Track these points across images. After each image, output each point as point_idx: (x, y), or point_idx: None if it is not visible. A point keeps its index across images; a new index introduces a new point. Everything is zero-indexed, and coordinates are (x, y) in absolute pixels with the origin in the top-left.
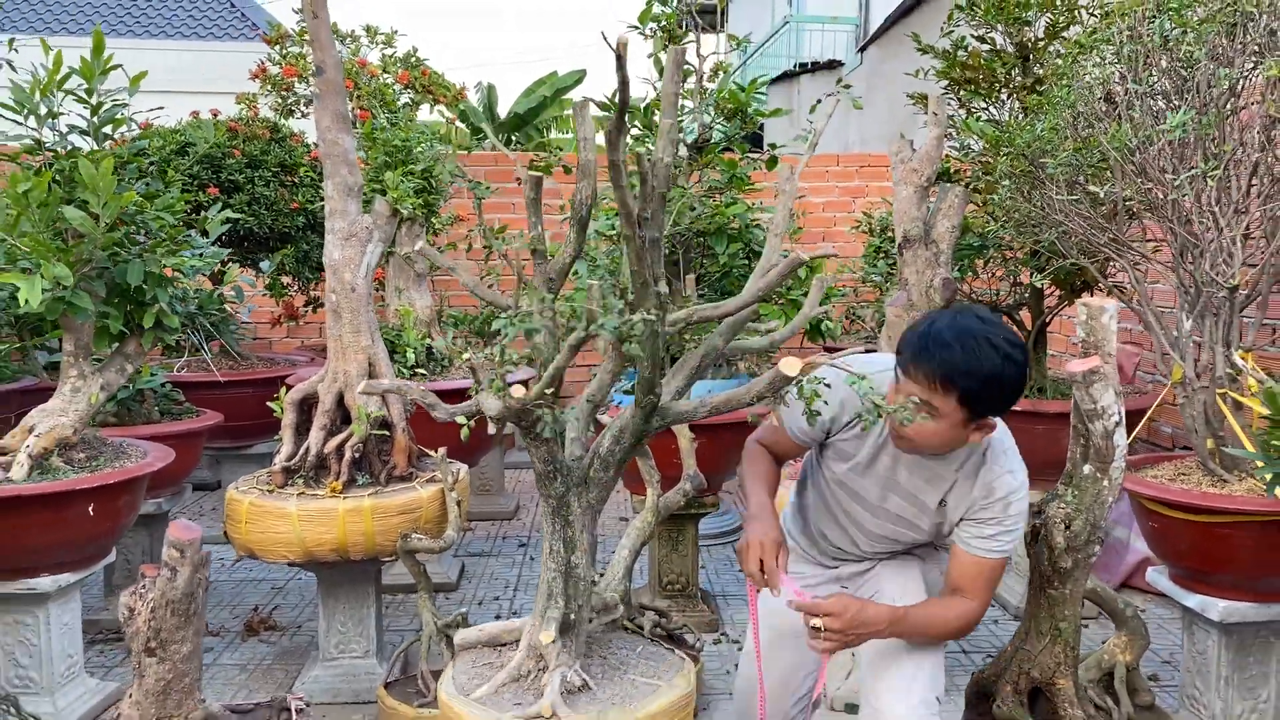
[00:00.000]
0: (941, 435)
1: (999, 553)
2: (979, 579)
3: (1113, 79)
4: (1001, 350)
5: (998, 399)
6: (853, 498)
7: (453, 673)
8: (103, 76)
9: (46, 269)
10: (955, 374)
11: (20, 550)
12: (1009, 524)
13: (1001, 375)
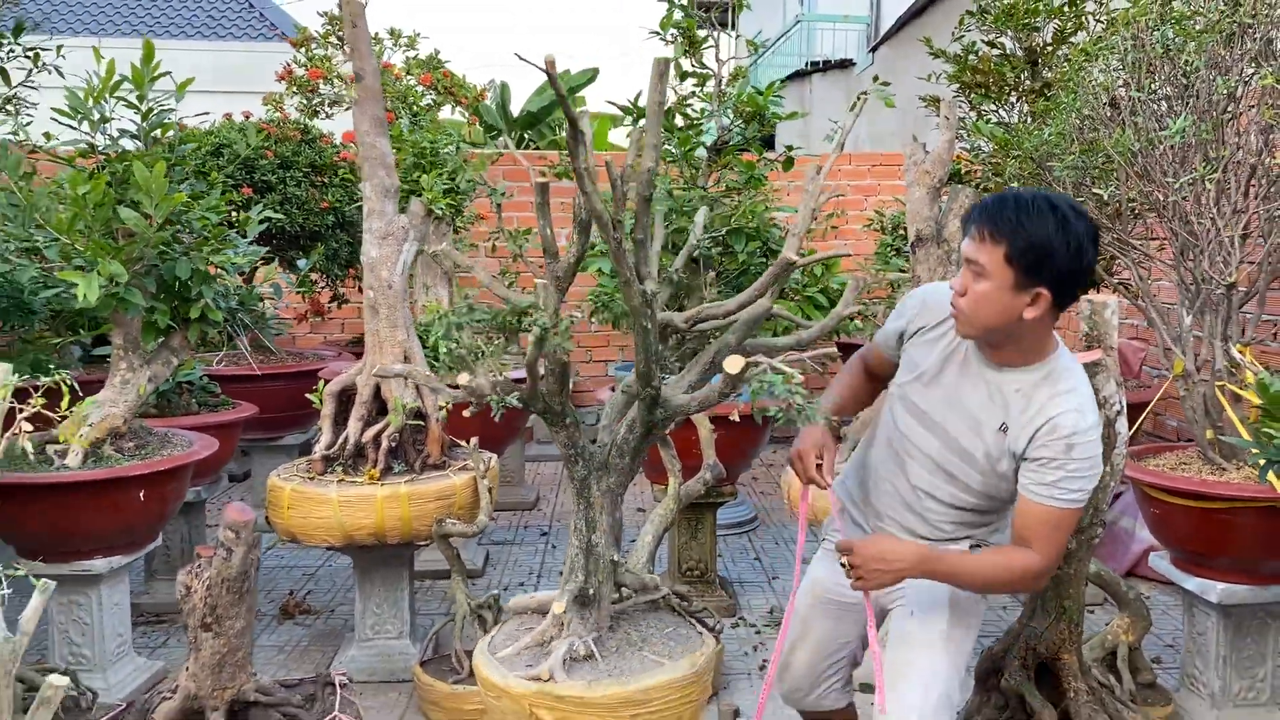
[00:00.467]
0: (991, 300)
1: (1063, 502)
2: (1039, 528)
3: (1117, 84)
4: (1059, 211)
5: (1047, 261)
6: (914, 416)
7: (494, 633)
8: (151, 84)
9: (104, 266)
10: (1003, 225)
11: (76, 533)
12: (1072, 469)
13: (1052, 235)
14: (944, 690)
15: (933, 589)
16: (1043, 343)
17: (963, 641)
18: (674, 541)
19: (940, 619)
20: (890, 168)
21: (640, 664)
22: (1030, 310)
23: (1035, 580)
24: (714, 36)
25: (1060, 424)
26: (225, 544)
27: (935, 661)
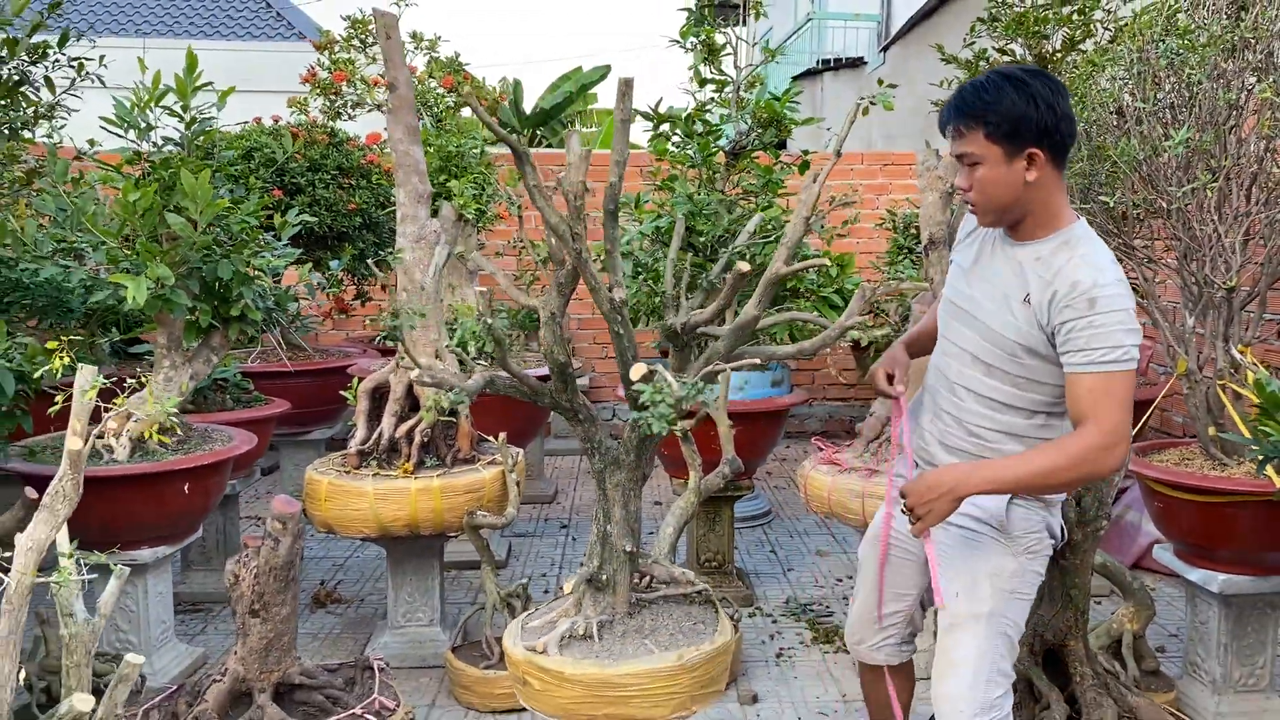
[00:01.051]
0: (994, 180)
1: (1102, 365)
2: (1089, 400)
3: (1122, 93)
4: (1013, 78)
5: (1023, 123)
6: (955, 315)
7: (531, 610)
8: (194, 93)
9: (152, 270)
10: (972, 111)
11: (124, 525)
12: (1100, 324)
13: (1016, 100)
14: (990, 670)
15: (975, 564)
16: (1056, 211)
17: (1006, 611)
18: (693, 534)
19: (983, 596)
20: (902, 167)
21: (634, 650)
22: (1030, 173)
23: (1101, 455)
24: (732, 44)
25: (1079, 281)
26: (273, 534)
27: (979, 644)
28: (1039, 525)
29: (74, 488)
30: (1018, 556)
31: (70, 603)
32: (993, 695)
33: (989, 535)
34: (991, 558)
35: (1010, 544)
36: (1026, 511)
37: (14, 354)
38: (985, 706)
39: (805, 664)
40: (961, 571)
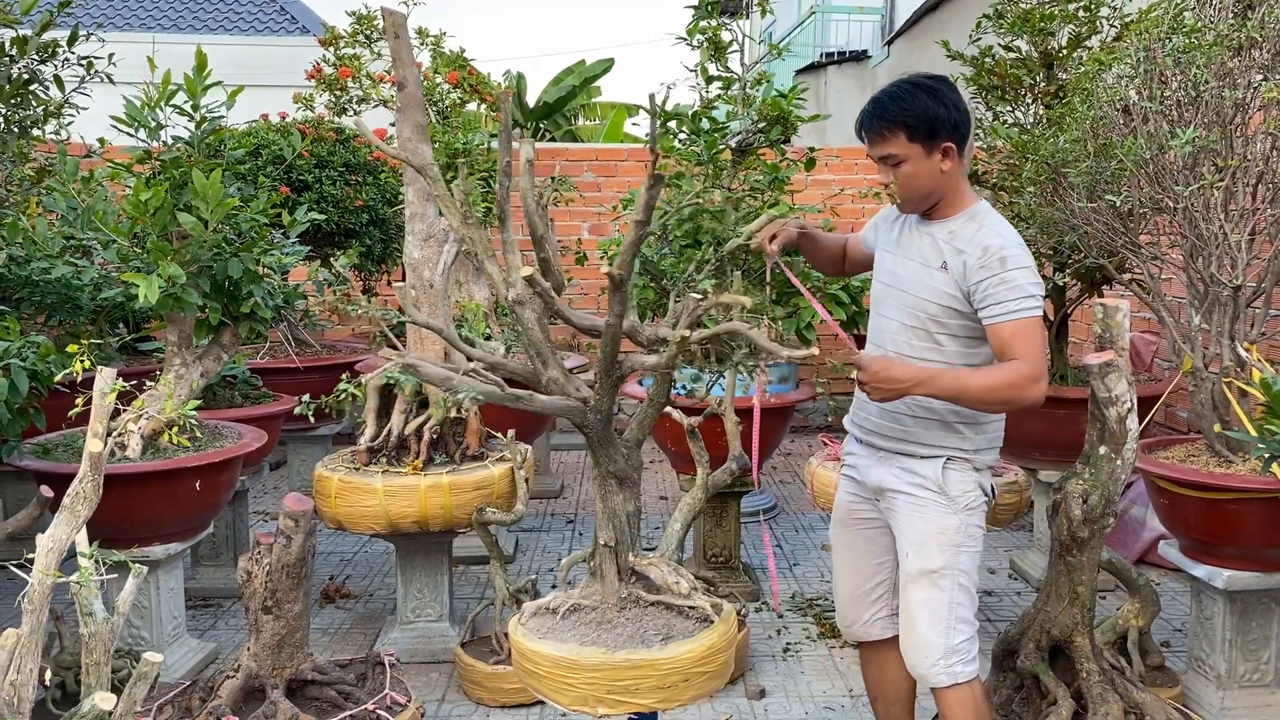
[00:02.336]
0: (917, 174)
1: (1019, 312)
2: (1012, 342)
3: (1129, 91)
4: (921, 84)
5: (937, 122)
6: (885, 289)
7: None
8: (204, 92)
9: (163, 268)
10: (892, 119)
11: (136, 521)
12: (1012, 278)
13: (927, 103)
14: (948, 618)
15: (921, 526)
16: (963, 192)
17: (956, 564)
18: (699, 530)
19: (931, 554)
20: None
21: (589, 639)
22: (945, 164)
23: (1029, 384)
24: (739, 41)
25: (989, 245)
26: (285, 531)
27: (936, 595)
28: (973, 485)
29: (94, 489)
30: (958, 514)
31: (90, 602)
32: (954, 641)
33: (931, 499)
34: (935, 518)
35: (950, 503)
36: (960, 474)
37: (27, 352)
38: (948, 651)
39: (812, 659)
40: (910, 533)
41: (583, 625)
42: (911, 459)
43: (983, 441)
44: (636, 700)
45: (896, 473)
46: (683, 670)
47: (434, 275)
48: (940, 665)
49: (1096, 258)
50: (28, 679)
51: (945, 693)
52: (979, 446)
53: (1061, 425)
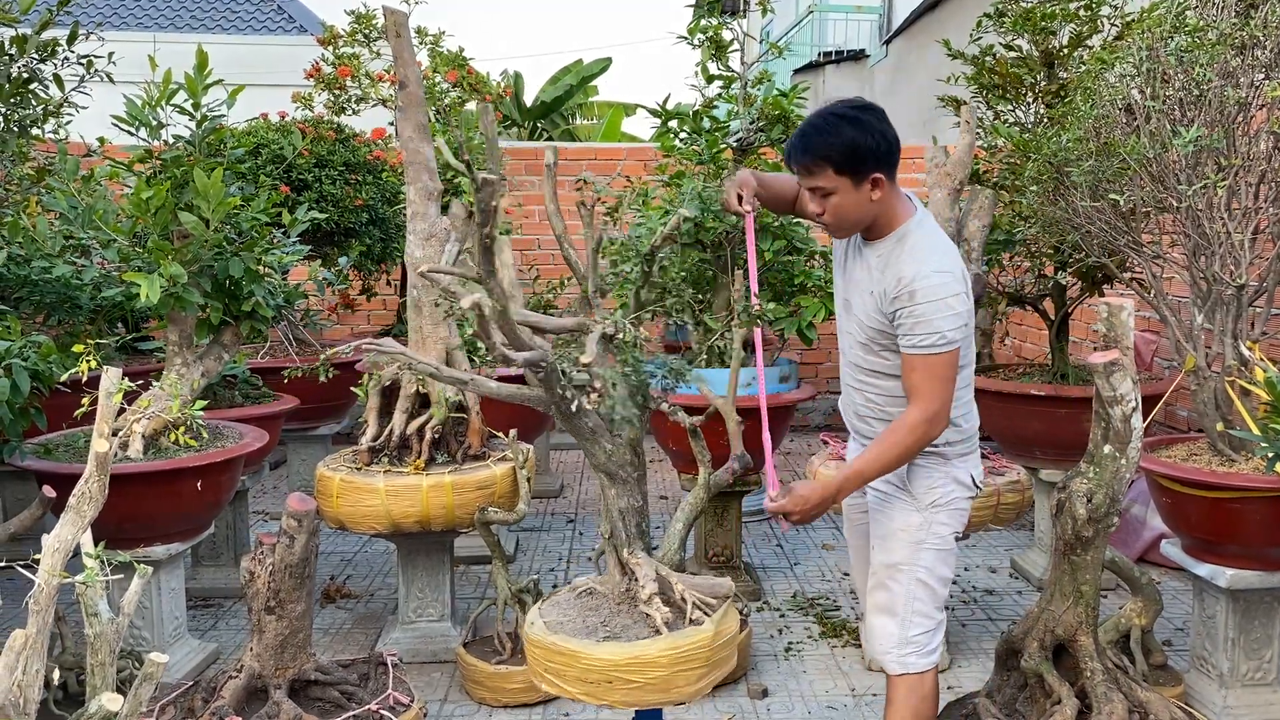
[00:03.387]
0: (847, 205)
1: (922, 349)
2: (913, 378)
3: (1131, 90)
4: (847, 116)
5: (864, 154)
6: (843, 307)
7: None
8: (205, 91)
9: (165, 268)
10: (819, 151)
11: (138, 521)
12: (919, 313)
13: (854, 136)
14: (906, 611)
15: (886, 522)
16: (894, 213)
17: (917, 560)
18: (700, 529)
19: (893, 549)
20: (904, 160)
21: (582, 632)
22: (875, 193)
23: (927, 427)
24: (739, 40)
25: (903, 275)
26: (287, 532)
27: (895, 588)
28: (941, 480)
29: (100, 489)
30: (922, 511)
31: (95, 602)
32: (910, 633)
33: (896, 496)
34: (898, 515)
35: (913, 501)
36: (926, 470)
37: (28, 352)
38: (903, 641)
39: (814, 658)
40: (876, 528)
41: (586, 611)
42: (874, 420)
43: (954, 434)
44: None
45: None
46: (621, 671)
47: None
48: (894, 654)
49: (1098, 257)
50: (33, 680)
51: (895, 679)
52: (948, 440)
53: (1063, 424)
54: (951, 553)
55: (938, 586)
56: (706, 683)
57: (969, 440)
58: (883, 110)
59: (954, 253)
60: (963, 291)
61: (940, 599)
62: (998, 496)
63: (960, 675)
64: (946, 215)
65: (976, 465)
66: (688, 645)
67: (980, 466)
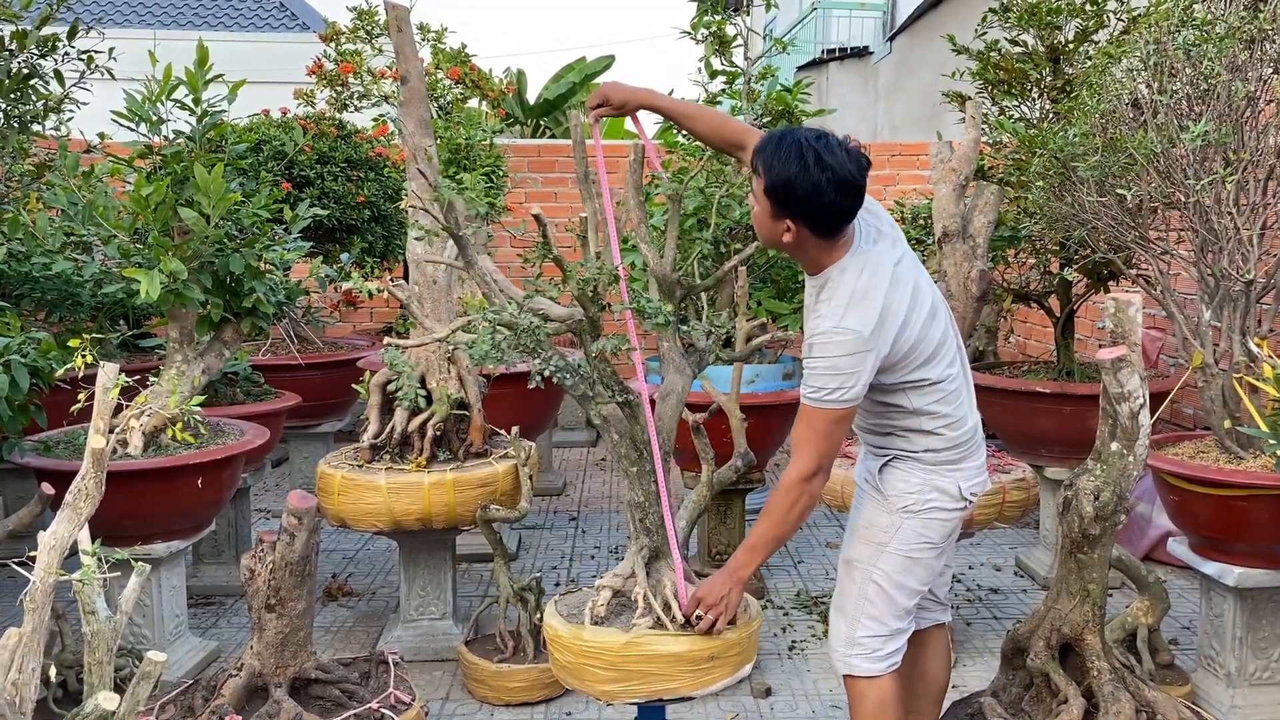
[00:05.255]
0: (760, 222)
1: (807, 398)
2: (796, 429)
3: (1139, 85)
4: (805, 158)
5: (790, 197)
6: None
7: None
8: (205, 86)
9: (165, 264)
10: (763, 161)
11: (138, 519)
12: (811, 365)
13: (793, 175)
14: (855, 612)
15: (855, 515)
16: (821, 260)
17: (875, 561)
18: (704, 526)
19: (854, 544)
20: (909, 157)
21: (621, 630)
22: (787, 236)
23: (804, 486)
24: (743, 35)
25: (812, 325)
26: (288, 529)
27: (847, 586)
28: (918, 486)
29: (97, 486)
30: (891, 514)
31: (93, 600)
32: (858, 634)
33: (868, 492)
34: (865, 511)
35: (883, 501)
36: (904, 473)
37: (28, 349)
38: (850, 642)
39: (818, 656)
40: (850, 519)
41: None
42: (871, 455)
43: (935, 442)
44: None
45: (862, 467)
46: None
47: (437, 271)
48: (840, 652)
49: (1105, 253)
50: (29, 678)
51: (846, 681)
52: (928, 447)
53: (1068, 421)
54: (920, 563)
55: (896, 594)
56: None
57: (956, 449)
58: (847, 178)
59: (869, 306)
60: (862, 351)
61: (899, 608)
62: (1003, 494)
63: (965, 674)
64: (952, 211)
65: (971, 476)
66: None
67: (978, 478)
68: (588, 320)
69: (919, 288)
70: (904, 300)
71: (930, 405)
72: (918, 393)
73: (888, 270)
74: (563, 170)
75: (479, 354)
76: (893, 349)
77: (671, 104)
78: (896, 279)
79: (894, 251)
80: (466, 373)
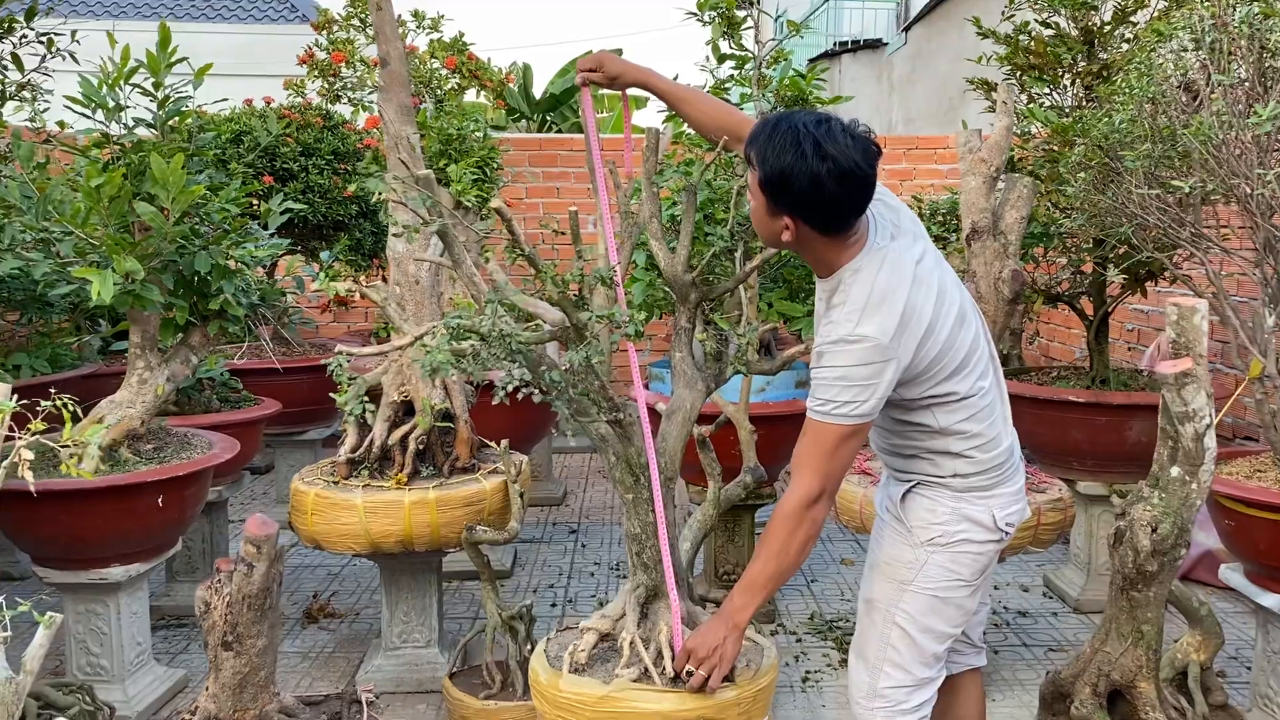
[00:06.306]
0: (756, 216)
1: (813, 411)
2: (800, 444)
3: (1192, 68)
4: (802, 147)
5: (787, 191)
6: None
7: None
8: (168, 70)
9: (119, 263)
10: (757, 152)
11: (92, 541)
12: (819, 376)
13: (789, 166)
14: (877, 659)
15: (875, 549)
16: (830, 260)
17: (898, 602)
18: (711, 544)
19: (874, 582)
20: (926, 151)
21: (601, 681)
22: (786, 234)
23: (805, 512)
24: (753, 16)
25: (823, 331)
26: (246, 559)
27: (867, 630)
28: (946, 516)
29: None
30: (915, 548)
31: None
32: (880, 684)
33: (889, 522)
34: (886, 545)
35: (906, 534)
36: (929, 501)
37: None
38: (873, 693)
39: (834, 689)
40: (869, 554)
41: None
42: (892, 480)
43: (965, 466)
44: None
45: (882, 493)
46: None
47: (420, 270)
48: (863, 705)
49: (1151, 251)
50: None
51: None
52: (957, 471)
53: (1103, 433)
54: (950, 604)
55: (923, 639)
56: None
57: (988, 473)
58: (850, 167)
59: (889, 309)
60: (880, 360)
61: (926, 654)
62: (1039, 517)
63: (994, 710)
64: (982, 205)
65: (1007, 504)
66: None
67: (1015, 505)
68: (572, 327)
69: (945, 288)
70: (928, 303)
71: (959, 424)
72: (944, 409)
73: (909, 269)
74: (565, 164)
75: (430, 366)
76: (915, 358)
77: (668, 85)
78: (919, 279)
79: (914, 248)
80: (452, 381)
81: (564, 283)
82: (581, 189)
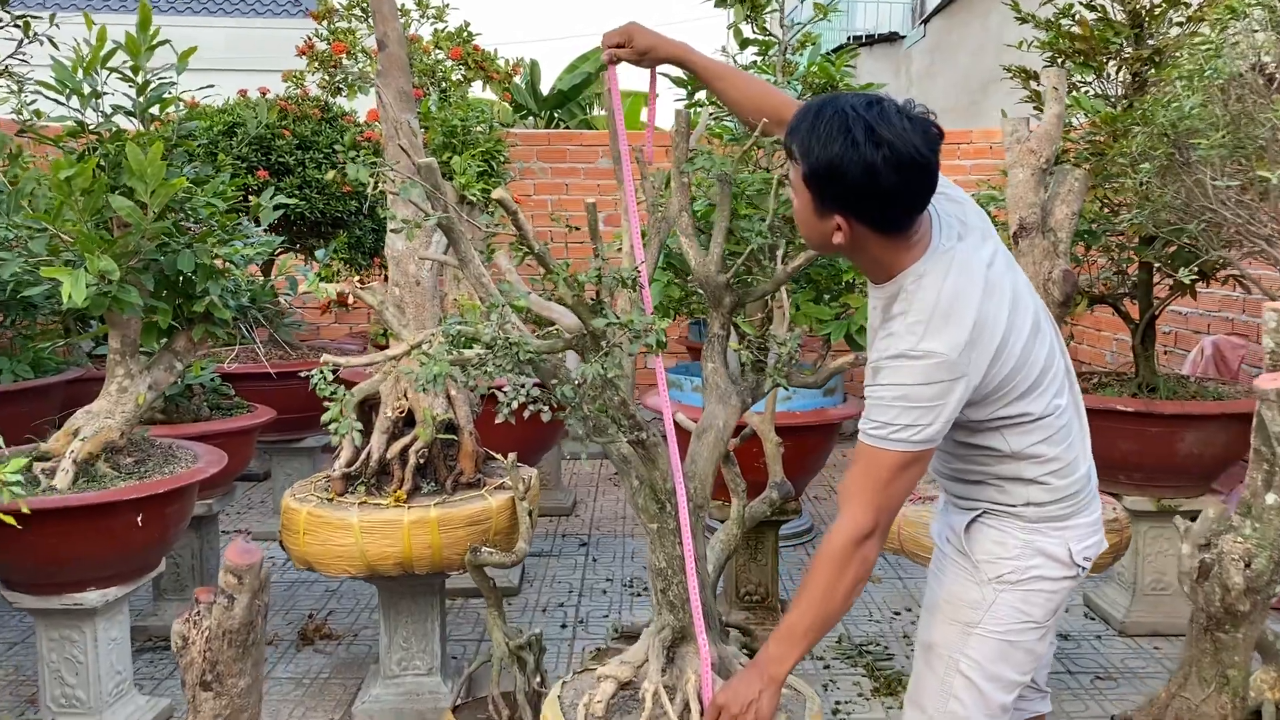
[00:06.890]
0: (801, 217)
1: (865, 435)
2: (851, 473)
3: (1265, 49)
4: (852, 133)
5: (836, 185)
6: None
7: None
8: (149, 53)
9: (92, 262)
10: (799, 144)
11: (65, 563)
12: (874, 396)
13: (837, 156)
14: (936, 710)
15: (935, 587)
16: (889, 264)
17: (961, 647)
18: (732, 564)
19: (934, 625)
20: (949, 146)
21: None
22: (838, 236)
23: (856, 550)
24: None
25: (881, 347)
26: (226, 590)
27: (925, 678)
28: (1017, 550)
29: None
30: (982, 585)
31: None
32: None
33: (951, 556)
34: (948, 582)
35: (971, 570)
36: (998, 532)
37: None
38: None
39: None
40: (927, 593)
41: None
42: (953, 507)
43: (1039, 494)
44: None
45: (941, 522)
46: None
47: (420, 270)
48: None
49: (1220, 251)
50: None
51: None
52: (1030, 500)
53: (1153, 444)
54: (1020, 648)
55: (990, 689)
56: None
57: (1064, 501)
58: (911, 154)
59: (958, 321)
60: (947, 379)
61: (993, 705)
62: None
63: None
64: (1031, 200)
65: (1084, 535)
66: None
67: (1093, 538)
68: (588, 335)
69: (1019, 295)
70: (1001, 313)
71: (1033, 447)
72: (1017, 431)
73: (979, 274)
74: (574, 160)
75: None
76: (986, 376)
77: (706, 60)
78: (991, 285)
79: (984, 249)
80: (456, 390)
81: (579, 284)
82: (591, 185)
